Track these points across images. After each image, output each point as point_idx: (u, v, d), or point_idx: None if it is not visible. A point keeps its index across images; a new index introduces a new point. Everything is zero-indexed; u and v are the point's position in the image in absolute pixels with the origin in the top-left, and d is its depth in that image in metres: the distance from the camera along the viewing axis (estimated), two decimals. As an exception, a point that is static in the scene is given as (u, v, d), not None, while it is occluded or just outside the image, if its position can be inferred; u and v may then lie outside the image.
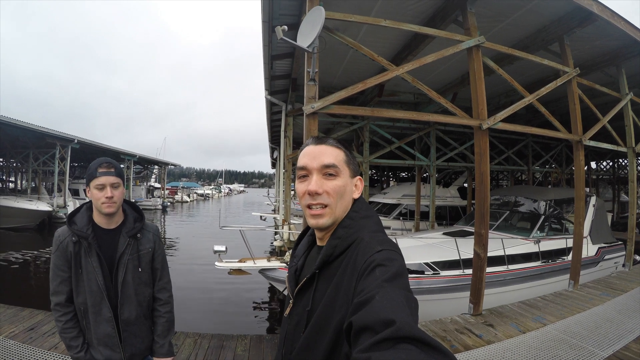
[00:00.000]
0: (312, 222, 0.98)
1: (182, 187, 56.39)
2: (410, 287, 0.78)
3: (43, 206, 18.83)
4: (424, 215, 11.27)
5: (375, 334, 0.60)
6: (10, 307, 4.93)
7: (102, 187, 1.67)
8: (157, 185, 43.65)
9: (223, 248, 5.97)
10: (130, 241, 1.79)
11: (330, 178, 0.97)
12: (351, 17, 4.36)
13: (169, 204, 38.81)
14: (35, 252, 12.62)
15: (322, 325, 0.86)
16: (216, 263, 6.14)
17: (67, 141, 21.37)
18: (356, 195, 1.04)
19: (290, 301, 1.04)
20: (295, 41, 4.29)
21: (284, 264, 5.91)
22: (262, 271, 5.80)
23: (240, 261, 6.23)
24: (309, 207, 0.97)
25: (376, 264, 0.79)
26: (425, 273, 5.85)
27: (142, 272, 1.83)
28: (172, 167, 48.41)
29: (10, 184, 28.84)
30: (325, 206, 0.96)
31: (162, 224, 26.38)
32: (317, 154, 0.98)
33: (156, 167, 42.95)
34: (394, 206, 13.03)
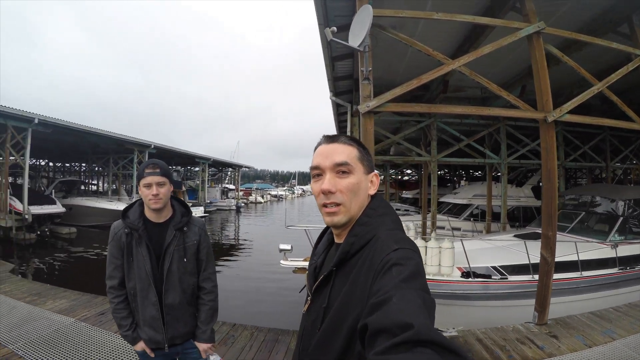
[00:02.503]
0: (327, 220, 1.01)
1: (255, 189, 58.86)
2: (454, 291, 0.82)
3: (122, 206, 20.58)
4: (496, 217, 10.79)
5: (393, 337, 0.61)
6: (86, 294, 5.73)
7: (149, 186, 1.92)
8: (232, 186, 45.80)
9: (289, 247, 6.22)
10: (177, 234, 2.03)
11: (344, 176, 0.98)
12: (401, 12, 4.42)
13: (243, 204, 40.66)
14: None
15: (337, 322, 0.88)
16: (281, 261, 6.41)
17: (144, 147, 23.55)
18: (372, 191, 1.06)
19: (309, 298, 1.07)
20: (348, 42, 4.43)
21: None
22: None
23: (305, 260, 6.44)
24: (324, 205, 1.00)
25: (392, 263, 0.79)
26: (493, 277, 5.72)
27: (187, 262, 2.06)
28: (246, 169, 51.06)
29: (93, 186, 32.19)
30: (340, 204, 0.98)
31: (236, 223, 27.89)
32: (329, 153, 1.00)
33: (230, 169, 45.44)
34: (464, 207, 12.70)
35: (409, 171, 25.02)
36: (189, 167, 41.31)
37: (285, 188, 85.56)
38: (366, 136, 4.57)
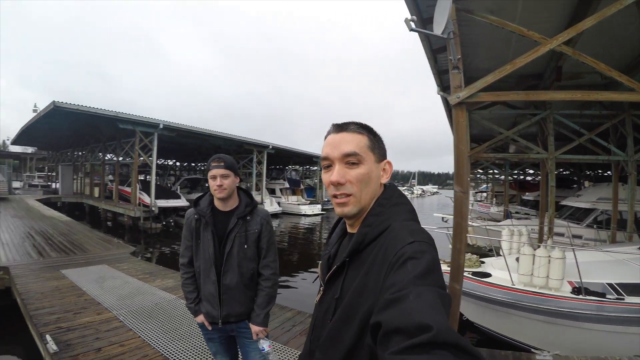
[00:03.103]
0: (337, 210, 1.00)
1: None
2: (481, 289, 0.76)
3: None
4: (623, 224, 9.22)
5: (410, 338, 0.59)
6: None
7: (214, 177, 2.13)
8: None
9: None
10: (239, 222, 2.22)
11: (353, 167, 0.97)
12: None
13: None
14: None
15: (349, 314, 0.88)
16: None
17: (262, 147, 25.76)
18: (384, 180, 1.04)
19: (321, 288, 1.08)
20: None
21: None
22: None
23: None
24: (334, 196, 0.99)
25: (407, 256, 0.78)
26: (608, 296, 4.96)
27: (248, 249, 2.23)
28: None
29: None
30: (350, 195, 0.97)
31: None
32: (337, 143, 0.98)
33: None
34: (587, 211, 11.01)
35: (531, 171, 22.76)
36: (307, 167, 43.06)
37: (404, 188, 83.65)
38: (459, 130, 4.32)
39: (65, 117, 16.67)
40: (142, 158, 17.79)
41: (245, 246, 2.22)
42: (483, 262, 6.65)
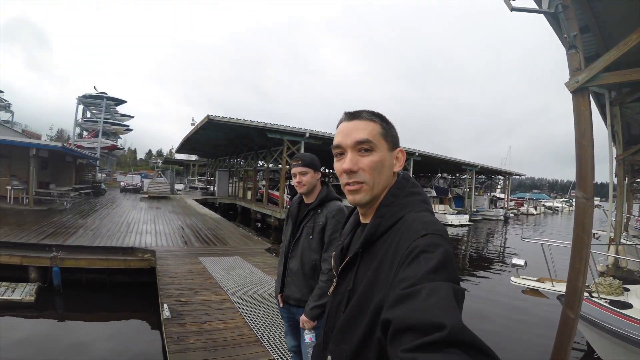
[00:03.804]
0: (349, 198, 1.00)
1: (528, 199, 55.71)
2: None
3: None
4: None
5: (422, 336, 0.58)
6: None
7: (294, 175, 2.40)
8: (502, 195, 44.40)
9: (522, 262, 5.75)
10: (310, 212, 2.43)
11: (366, 154, 0.97)
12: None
13: (512, 215, 39.01)
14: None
15: (361, 306, 0.88)
16: (512, 278, 6.01)
17: (409, 154, 25.50)
18: (397, 168, 1.03)
19: (335, 280, 1.08)
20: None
21: (592, 298, 5.03)
22: (561, 297, 5.04)
23: (538, 280, 5.80)
24: (347, 184, 0.99)
25: (420, 250, 0.76)
26: None
27: (312, 240, 2.43)
28: (518, 177, 49.02)
29: None
30: (362, 182, 0.97)
31: (503, 234, 26.80)
32: (350, 130, 0.98)
33: (500, 177, 44.10)
34: None
35: None
36: (457, 175, 41.51)
37: (562, 200, 73.43)
38: (581, 122, 3.80)
39: (218, 128, 19.06)
40: (288, 165, 19.34)
41: (311, 237, 2.39)
42: (627, 290, 5.52)
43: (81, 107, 45.39)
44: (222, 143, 26.99)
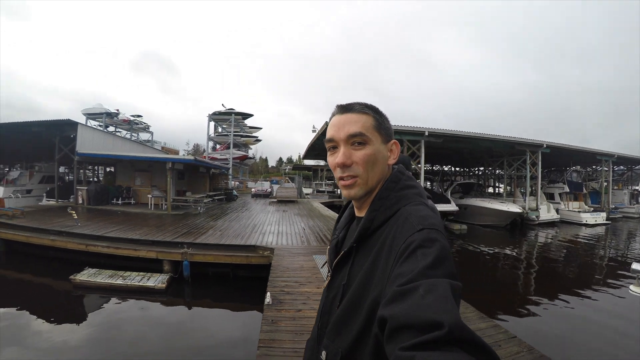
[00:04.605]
0: (344, 193, 1.00)
1: None
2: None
3: (513, 207, 21.56)
4: None
5: (421, 334, 0.58)
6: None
7: None
8: None
9: None
10: None
11: (359, 147, 0.96)
12: None
13: None
14: (497, 249, 15.39)
15: (356, 301, 0.88)
16: (630, 287, 5.20)
17: (536, 147, 23.50)
18: (391, 160, 1.02)
19: (329, 274, 1.08)
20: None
21: None
22: None
23: None
24: (341, 179, 0.98)
25: (416, 245, 0.76)
26: None
27: None
28: None
29: (491, 188, 35.99)
30: (356, 176, 0.96)
31: None
32: (342, 124, 0.97)
33: None
34: None
35: None
36: (593, 167, 35.04)
37: None
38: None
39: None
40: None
41: None
42: None
43: (212, 123, 50.26)
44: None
